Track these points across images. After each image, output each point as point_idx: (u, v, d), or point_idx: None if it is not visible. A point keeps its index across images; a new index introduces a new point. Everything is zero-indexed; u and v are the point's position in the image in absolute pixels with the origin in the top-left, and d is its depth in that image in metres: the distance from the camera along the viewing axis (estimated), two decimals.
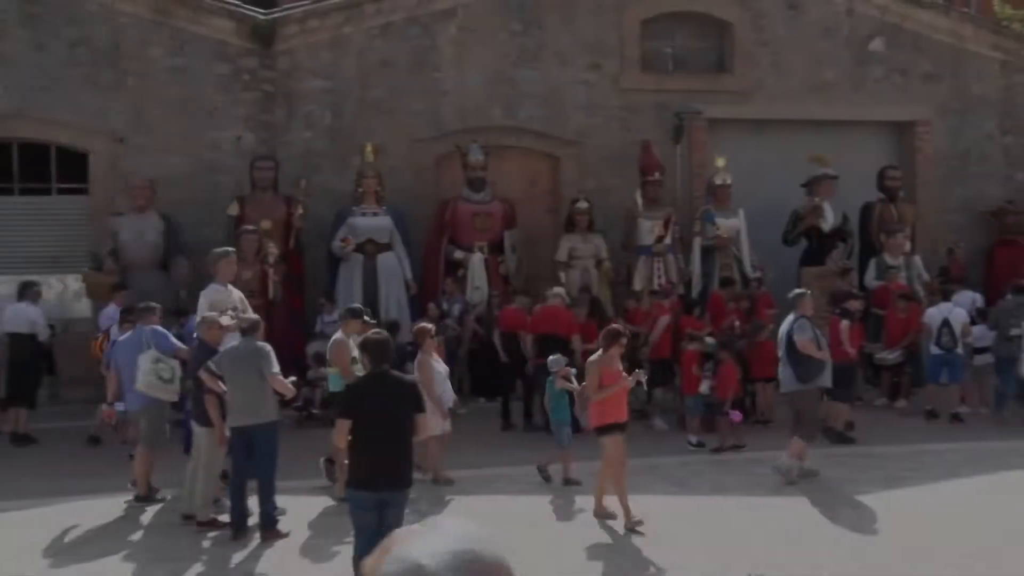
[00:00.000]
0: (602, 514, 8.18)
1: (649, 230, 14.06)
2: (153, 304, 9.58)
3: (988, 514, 8.29)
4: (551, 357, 9.76)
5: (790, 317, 9.72)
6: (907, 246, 14.56)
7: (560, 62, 15.08)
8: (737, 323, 12.57)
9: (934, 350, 12.39)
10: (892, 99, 15.95)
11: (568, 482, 9.21)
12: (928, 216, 15.90)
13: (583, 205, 14.20)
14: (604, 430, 8.14)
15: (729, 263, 14.19)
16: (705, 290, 13.99)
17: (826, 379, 9.65)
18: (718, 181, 14.40)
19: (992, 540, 7.54)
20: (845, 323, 11.30)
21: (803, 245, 14.81)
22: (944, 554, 7.23)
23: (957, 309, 12.51)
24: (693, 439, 10.89)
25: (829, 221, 14.53)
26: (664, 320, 12.10)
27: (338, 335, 9.09)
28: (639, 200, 14.19)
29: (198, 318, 8.90)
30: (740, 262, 14.28)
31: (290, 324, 13.08)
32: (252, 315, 8.77)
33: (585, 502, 8.50)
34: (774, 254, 14.66)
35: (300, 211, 13.45)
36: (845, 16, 15.78)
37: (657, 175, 14.34)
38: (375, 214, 13.76)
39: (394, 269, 13.77)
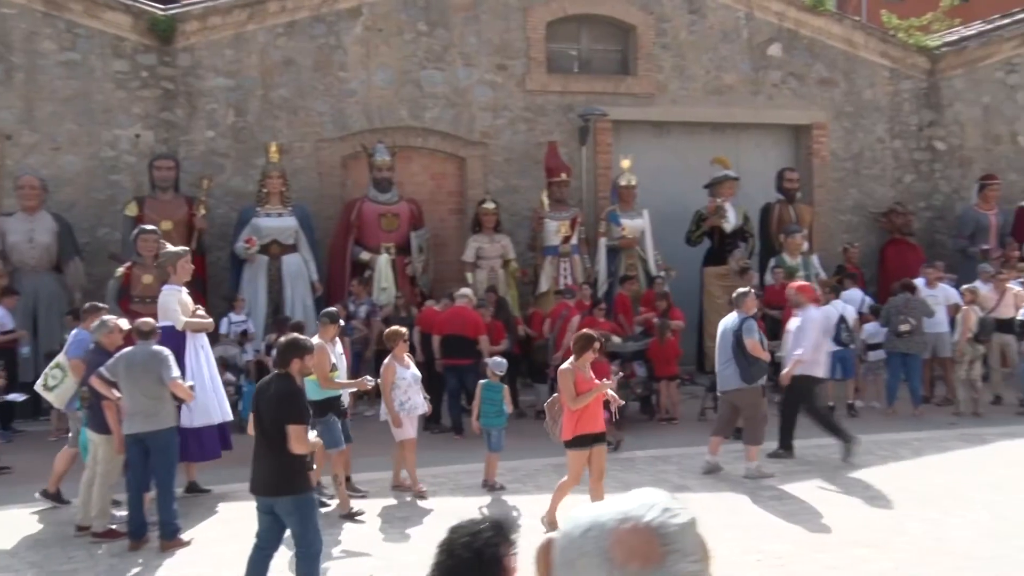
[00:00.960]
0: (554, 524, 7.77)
1: (555, 230, 14.19)
2: (100, 304, 9.27)
3: (877, 502, 8.61)
4: (492, 359, 9.66)
5: (734, 316, 9.90)
6: (805, 246, 15.00)
7: (466, 63, 15.09)
8: (657, 320, 12.81)
9: (831, 347, 12.77)
10: (789, 103, 16.42)
11: (494, 487, 9.13)
12: (824, 216, 16.42)
13: (490, 206, 14.24)
14: (576, 442, 7.73)
15: (634, 263, 14.43)
16: (611, 290, 14.18)
17: (764, 378, 10.00)
18: (623, 182, 14.61)
19: (880, 527, 7.84)
20: None
21: (706, 245, 15.13)
22: (835, 542, 7.48)
23: (848, 306, 12.96)
24: None
25: (731, 221, 14.88)
26: (576, 320, 12.22)
27: (317, 340, 8.50)
28: (545, 201, 14.31)
29: (176, 321, 8.69)
30: (645, 262, 14.53)
31: None
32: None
33: (520, 504, 8.49)
34: (677, 254, 14.96)
35: (202, 212, 13.19)
36: (744, 21, 16.16)
37: (563, 176, 14.49)
38: (280, 215, 13.57)
39: (299, 270, 13.60)
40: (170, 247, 9.64)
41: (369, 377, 9.11)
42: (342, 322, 9.14)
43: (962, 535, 7.59)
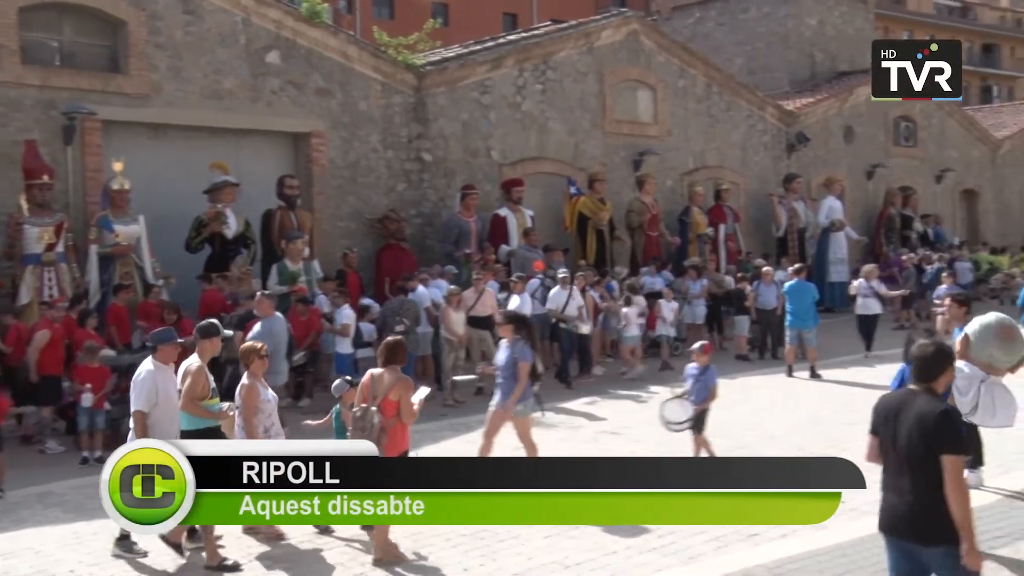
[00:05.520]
0: (392, 555, 7.29)
1: (38, 237, 13.06)
2: None
3: None
4: (336, 382, 8.65)
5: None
6: (306, 251, 15.39)
7: None
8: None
9: (346, 349, 13.32)
10: (288, 111, 16.69)
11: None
12: (324, 222, 16.96)
13: None
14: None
15: (130, 271, 13.75)
16: (104, 300, 13.35)
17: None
18: (115, 186, 13.82)
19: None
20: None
21: (207, 251, 14.87)
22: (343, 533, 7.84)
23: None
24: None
25: (232, 228, 14.80)
26: (40, 335, 11.30)
27: (195, 361, 7.42)
28: (24, 205, 13.11)
29: None
30: (141, 269, 13.91)
31: None
32: None
33: None
34: (177, 261, 14.52)
35: None
36: (242, 27, 16.10)
37: (45, 178, 13.34)
38: None
39: None
40: None
41: (232, 403, 7.66)
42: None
43: None
